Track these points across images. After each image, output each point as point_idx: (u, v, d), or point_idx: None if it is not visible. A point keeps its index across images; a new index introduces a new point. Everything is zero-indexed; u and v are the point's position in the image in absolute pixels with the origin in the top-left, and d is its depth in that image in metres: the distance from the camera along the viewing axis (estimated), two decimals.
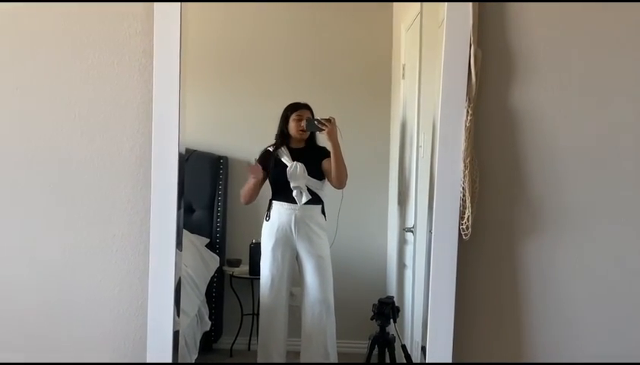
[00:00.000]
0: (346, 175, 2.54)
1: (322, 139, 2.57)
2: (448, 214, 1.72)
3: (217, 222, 2.65)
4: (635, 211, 1.81)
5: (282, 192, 2.57)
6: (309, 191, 2.56)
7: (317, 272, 2.57)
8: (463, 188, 1.71)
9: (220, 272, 2.64)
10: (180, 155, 1.77)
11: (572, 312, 1.84)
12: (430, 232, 1.77)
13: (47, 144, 1.83)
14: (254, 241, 2.65)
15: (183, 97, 1.76)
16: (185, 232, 2.54)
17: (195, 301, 2.45)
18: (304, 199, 2.54)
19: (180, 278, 1.83)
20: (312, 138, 2.62)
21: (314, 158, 2.58)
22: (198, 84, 2.41)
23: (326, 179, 2.58)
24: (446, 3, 1.72)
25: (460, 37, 1.71)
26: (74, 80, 1.82)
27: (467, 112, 1.71)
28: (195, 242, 2.57)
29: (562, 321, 1.83)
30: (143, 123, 1.79)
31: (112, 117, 1.82)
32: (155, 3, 1.74)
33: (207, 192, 2.66)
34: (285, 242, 2.57)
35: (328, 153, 2.54)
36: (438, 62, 1.79)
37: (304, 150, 2.60)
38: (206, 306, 2.56)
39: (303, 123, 2.56)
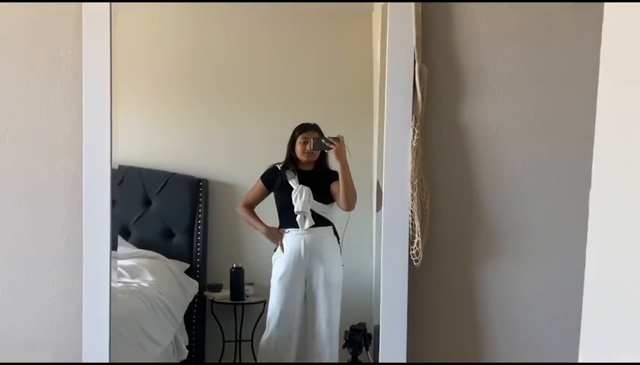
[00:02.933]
0: (355, 196, 2.45)
1: (333, 162, 2.50)
2: (397, 240, 1.64)
3: (197, 246, 2.60)
4: (594, 226, 1.70)
5: (288, 217, 2.51)
6: (316, 215, 2.49)
7: (325, 300, 2.50)
8: (411, 211, 1.63)
9: (200, 298, 2.59)
10: (112, 172, 1.73)
11: (533, 336, 1.76)
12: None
13: None
14: (234, 265, 2.59)
15: (115, 114, 1.71)
16: (162, 258, 2.51)
17: (170, 329, 2.40)
18: (307, 225, 2.47)
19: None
20: (321, 160, 2.55)
21: (322, 182, 2.51)
22: (176, 104, 2.37)
23: (334, 203, 2.51)
24: (388, 15, 1.66)
25: (404, 53, 1.64)
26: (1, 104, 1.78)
27: (414, 131, 1.63)
28: (173, 268, 2.53)
29: (522, 346, 1.76)
30: (74, 148, 1.75)
31: (44, 140, 1.77)
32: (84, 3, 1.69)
33: (186, 216, 2.61)
34: (295, 270, 2.50)
35: (337, 176, 2.47)
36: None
37: (312, 172, 2.54)
38: (184, 333, 2.51)
39: (309, 146, 2.49)
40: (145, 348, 2.27)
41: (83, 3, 1.69)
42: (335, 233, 2.49)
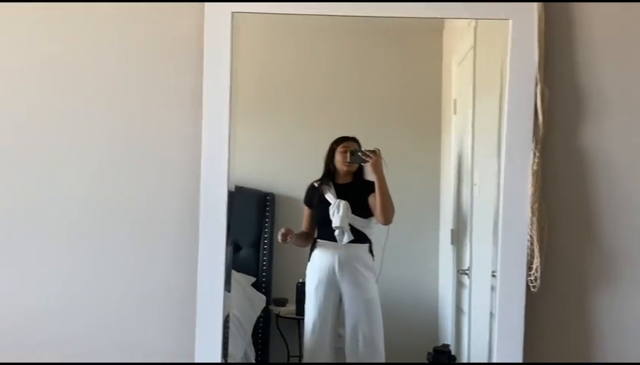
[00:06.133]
0: (393, 210, 2.43)
1: (370, 173, 2.49)
2: (515, 265, 1.62)
3: (264, 260, 2.59)
4: None
5: (326, 231, 2.49)
6: (355, 230, 2.46)
7: (363, 316, 2.47)
8: (530, 236, 1.61)
9: (266, 312, 2.56)
10: (229, 193, 1.76)
11: None
12: (493, 276, 1.67)
13: (91, 194, 1.81)
14: (300, 280, 2.57)
15: (233, 134, 1.74)
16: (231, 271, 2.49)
17: (241, 343, 2.38)
18: (346, 239, 2.44)
19: (228, 320, 1.78)
20: (359, 173, 2.53)
21: (360, 194, 2.49)
22: (243, 119, 2.36)
23: (373, 217, 2.49)
24: (510, 38, 1.64)
25: (525, 75, 1.63)
26: (117, 122, 1.79)
27: (534, 154, 1.61)
28: (241, 281, 2.51)
29: None
30: (191, 166, 1.75)
31: (159, 162, 1.78)
32: (205, 33, 1.72)
33: (253, 230, 2.59)
34: (328, 283, 2.47)
35: (374, 187, 2.44)
36: (494, 99, 1.70)
37: (350, 185, 2.52)
38: (252, 347, 2.48)
39: (348, 155, 2.48)
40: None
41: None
42: (371, 251, 2.47)
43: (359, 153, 2.45)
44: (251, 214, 2.59)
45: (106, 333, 1.83)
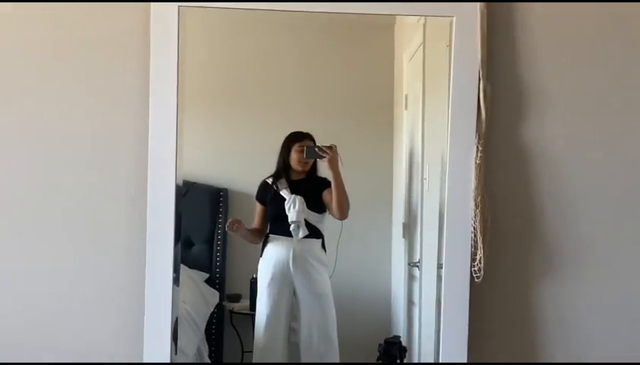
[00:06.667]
0: (349, 205, 2.46)
1: (324, 169, 2.50)
2: (460, 256, 1.66)
3: (217, 256, 2.58)
4: None
5: (280, 226, 2.50)
6: (309, 225, 2.48)
7: (317, 310, 2.48)
8: (474, 227, 1.65)
9: (219, 308, 2.56)
10: (177, 187, 1.74)
11: (592, 355, 1.78)
12: (440, 267, 1.70)
13: (36, 189, 1.78)
14: (254, 276, 2.57)
15: (181, 129, 1.73)
16: (183, 267, 2.48)
17: (194, 339, 2.37)
18: (301, 234, 2.45)
19: (177, 317, 1.77)
20: (313, 169, 2.55)
21: (314, 190, 2.50)
22: (196, 114, 2.35)
23: (326, 213, 2.51)
24: (453, 35, 1.68)
25: (469, 72, 1.67)
26: (65, 119, 1.78)
27: (477, 148, 1.66)
28: (194, 277, 2.50)
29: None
30: (138, 161, 1.75)
31: (105, 157, 1.77)
32: (152, 32, 1.71)
33: (206, 226, 2.58)
34: (282, 279, 2.48)
35: (329, 184, 2.46)
36: (442, 94, 1.74)
37: (304, 181, 2.53)
38: (205, 343, 2.48)
39: (304, 151, 2.49)
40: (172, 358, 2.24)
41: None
42: (323, 246, 2.50)
43: (316, 149, 2.47)
44: (205, 210, 2.58)
45: (51, 331, 1.80)
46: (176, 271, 1.75)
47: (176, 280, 1.75)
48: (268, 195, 2.48)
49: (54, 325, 1.80)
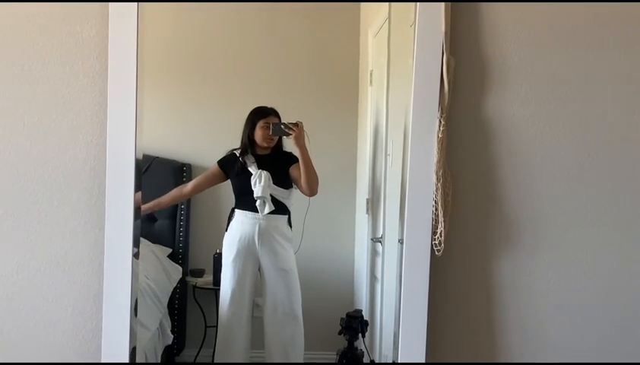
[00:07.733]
0: (317, 181, 2.46)
1: (289, 145, 2.49)
2: (420, 229, 1.66)
3: (180, 231, 2.56)
4: (613, 220, 1.78)
5: (246, 201, 2.49)
6: (275, 200, 2.47)
7: (282, 286, 2.48)
8: (435, 201, 1.66)
9: (182, 283, 2.55)
10: (137, 162, 1.70)
11: (549, 327, 1.81)
12: (400, 242, 1.71)
13: None
14: (218, 251, 2.56)
15: (140, 102, 1.69)
16: (146, 242, 2.46)
17: (157, 314, 2.36)
18: (267, 210, 2.45)
19: (137, 292, 1.76)
20: (278, 145, 2.54)
21: (280, 166, 2.50)
22: (159, 89, 2.32)
23: (293, 188, 2.50)
24: (417, 9, 1.67)
25: (432, 45, 1.67)
26: (22, 85, 1.73)
27: (440, 122, 1.66)
28: (157, 252, 2.48)
29: (538, 337, 1.80)
30: (97, 131, 1.71)
31: (64, 125, 1.73)
32: (110, 4, 1.66)
33: None
34: (247, 254, 2.48)
35: (295, 159, 2.45)
36: (407, 70, 1.74)
37: (270, 156, 2.52)
38: (168, 318, 2.47)
39: (269, 131, 2.47)
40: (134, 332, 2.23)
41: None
42: (289, 222, 2.50)
43: (282, 126, 2.45)
44: (168, 185, 2.56)
45: (9, 304, 1.77)
46: (136, 245, 1.72)
47: (137, 255, 1.72)
48: (235, 168, 2.47)
49: (12, 299, 1.77)
